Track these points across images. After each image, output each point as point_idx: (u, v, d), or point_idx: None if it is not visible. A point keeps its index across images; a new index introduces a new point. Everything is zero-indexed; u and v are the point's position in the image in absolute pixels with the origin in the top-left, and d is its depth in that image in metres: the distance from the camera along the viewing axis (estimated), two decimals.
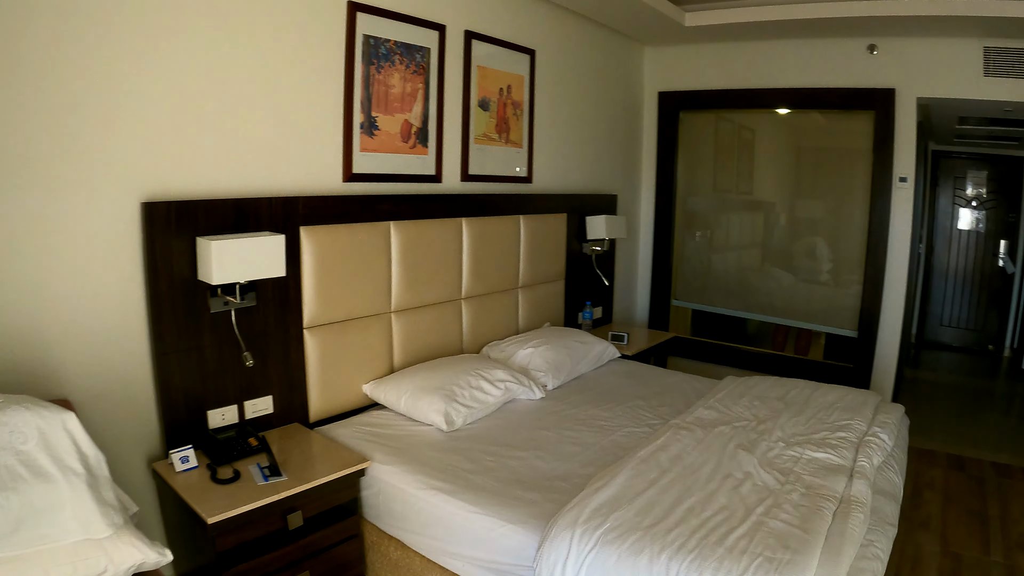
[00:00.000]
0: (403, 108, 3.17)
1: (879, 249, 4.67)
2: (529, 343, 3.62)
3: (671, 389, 3.62)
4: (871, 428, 2.96)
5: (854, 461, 2.60)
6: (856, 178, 4.90)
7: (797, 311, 5.20)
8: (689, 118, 5.36)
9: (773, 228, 5.43)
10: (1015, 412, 5.95)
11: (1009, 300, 7.66)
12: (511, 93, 3.86)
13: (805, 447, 2.71)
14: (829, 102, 4.74)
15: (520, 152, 4.02)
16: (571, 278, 4.50)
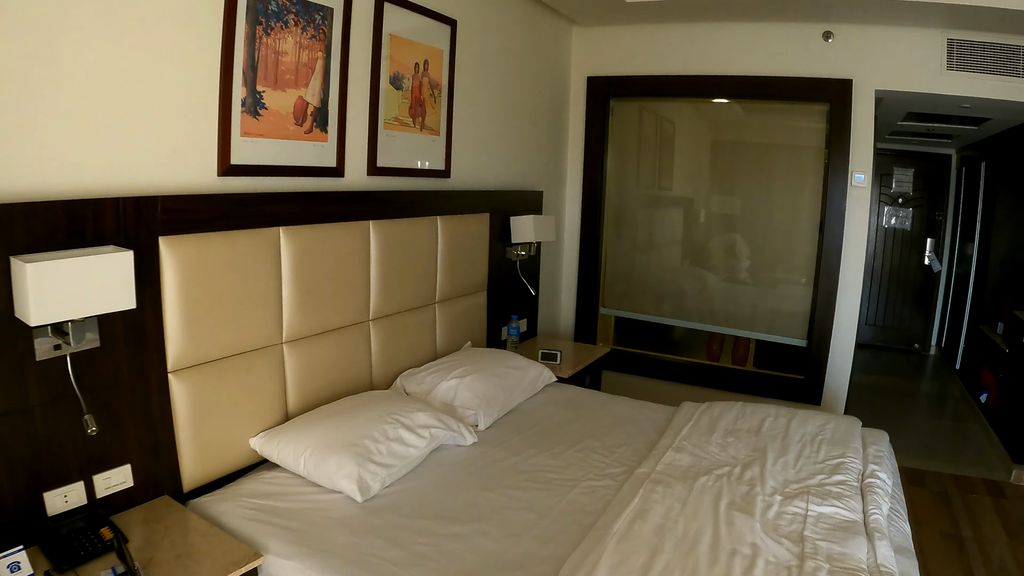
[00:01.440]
0: (298, 82, 2.60)
1: (832, 252, 4.49)
2: (452, 373, 3.14)
3: (623, 421, 3.26)
4: (868, 466, 2.78)
5: (864, 513, 2.38)
6: (804, 175, 4.72)
7: (740, 319, 4.98)
8: (621, 106, 5.01)
9: (713, 229, 5.17)
10: (955, 414, 6.02)
11: (935, 298, 7.85)
12: (428, 70, 3.35)
13: (807, 499, 2.43)
14: (779, 92, 4.50)
15: (437, 140, 3.53)
16: (494, 288, 4.04)
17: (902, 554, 2.24)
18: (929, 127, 6.03)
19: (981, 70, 4.13)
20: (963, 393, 6.41)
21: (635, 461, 2.80)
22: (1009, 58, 4.08)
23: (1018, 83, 4.09)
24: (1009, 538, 3.78)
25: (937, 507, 4.02)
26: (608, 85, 4.86)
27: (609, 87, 4.87)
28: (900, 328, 7.81)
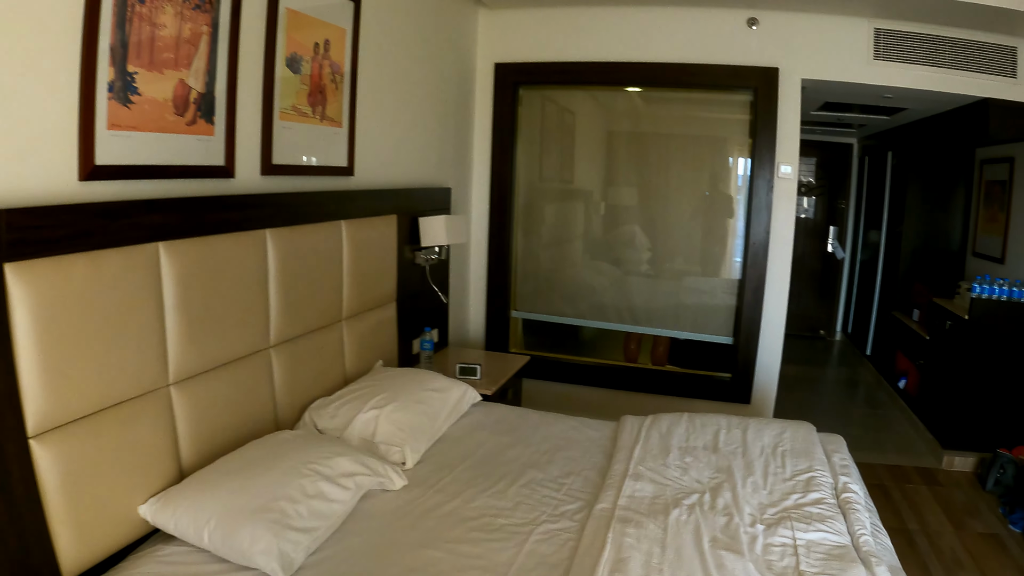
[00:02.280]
0: (179, 62, 2.17)
1: (759, 246, 4.44)
2: (369, 402, 2.78)
3: (564, 444, 3.03)
4: (838, 478, 2.72)
5: (851, 535, 2.29)
6: (721, 167, 4.72)
7: (663, 317, 4.87)
8: (531, 96, 4.75)
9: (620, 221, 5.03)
10: (875, 401, 6.18)
11: (839, 285, 8.12)
12: (329, 51, 2.96)
13: (791, 526, 2.30)
14: (702, 80, 4.40)
15: (339, 133, 3.14)
16: (404, 298, 3.70)
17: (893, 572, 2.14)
18: (839, 116, 6.15)
19: (908, 60, 4.16)
20: (878, 379, 6.61)
21: (590, 493, 2.56)
22: (935, 48, 4.13)
23: (944, 73, 4.16)
24: (955, 528, 3.84)
25: (878, 501, 3.98)
26: (517, 72, 4.60)
27: (519, 74, 4.60)
28: (804, 315, 8.03)
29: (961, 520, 3.93)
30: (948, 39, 4.15)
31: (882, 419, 5.65)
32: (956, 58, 4.18)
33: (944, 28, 4.12)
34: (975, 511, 4.06)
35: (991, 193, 5.58)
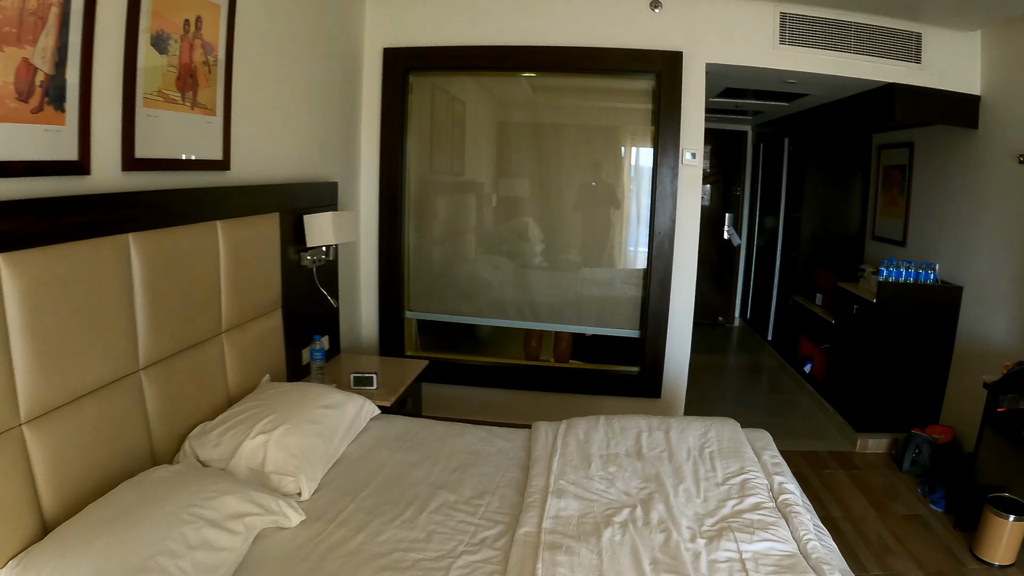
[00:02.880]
0: (22, 38, 1.83)
1: (665, 236, 4.43)
2: (256, 426, 2.51)
3: (475, 459, 2.87)
4: (772, 478, 2.70)
5: (797, 540, 2.26)
6: (621, 155, 4.71)
7: (566, 313, 4.79)
8: (421, 83, 4.52)
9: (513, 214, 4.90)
10: (781, 387, 6.32)
11: (735, 272, 8.32)
12: (202, 30, 2.64)
13: (733, 537, 2.25)
14: (603, 64, 4.31)
15: (213, 122, 2.83)
16: (290, 305, 3.42)
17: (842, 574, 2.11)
18: (737, 103, 6.24)
19: (813, 45, 4.23)
20: (782, 364, 6.79)
21: (511, 515, 2.42)
22: (841, 34, 4.22)
23: (848, 59, 4.26)
24: (878, 512, 3.93)
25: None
26: (408, 57, 4.36)
27: (409, 60, 4.37)
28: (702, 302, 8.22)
29: (883, 503, 4.04)
30: (854, 24, 4.25)
31: (790, 405, 5.79)
32: (862, 43, 4.29)
33: (850, 13, 4.22)
34: (895, 493, 4.19)
35: (889, 177, 5.80)
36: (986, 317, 4.41)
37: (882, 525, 3.78)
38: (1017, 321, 4.10)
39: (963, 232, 4.70)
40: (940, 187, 5.01)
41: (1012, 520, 3.37)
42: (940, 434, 4.51)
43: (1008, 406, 3.36)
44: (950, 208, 4.86)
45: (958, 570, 3.41)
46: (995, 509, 3.41)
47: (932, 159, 5.14)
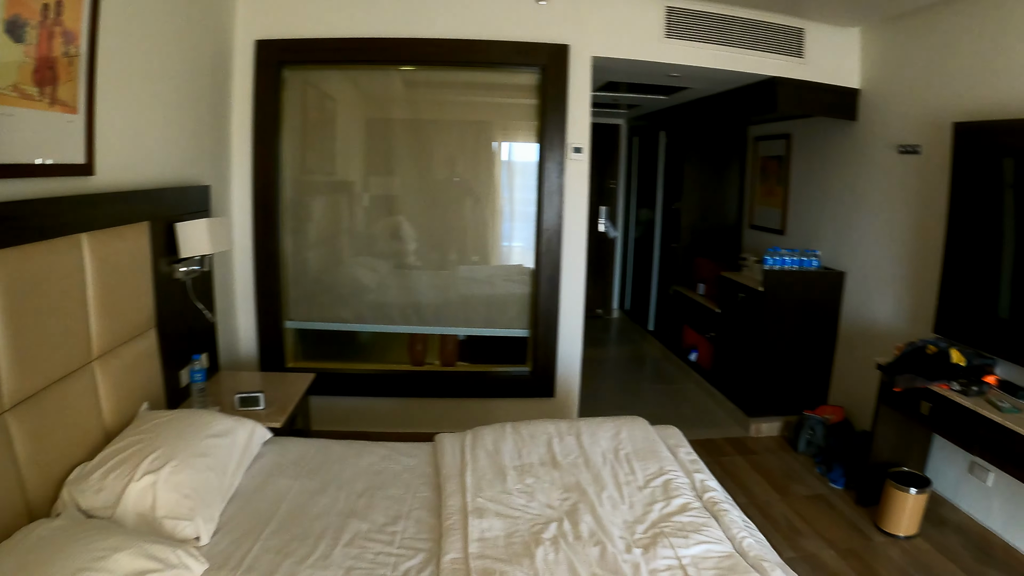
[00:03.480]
0: None
1: (552, 232, 4.39)
2: (141, 465, 2.24)
3: (382, 481, 2.71)
4: (693, 476, 2.75)
5: (731, 539, 2.30)
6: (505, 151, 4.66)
7: (452, 315, 4.67)
8: (294, 77, 4.25)
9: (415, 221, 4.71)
10: (668, 377, 6.42)
11: (612, 264, 8.44)
12: (62, 16, 2.32)
13: (668, 543, 2.24)
14: (487, 57, 4.21)
15: (74, 121, 2.50)
16: (165, 323, 3.11)
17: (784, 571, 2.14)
18: (615, 97, 6.28)
19: (699, 39, 4.31)
20: (666, 354, 6.91)
21: (431, 540, 2.30)
22: (727, 28, 4.33)
23: (733, 52, 4.38)
24: (781, 495, 4.06)
25: None
26: (282, 50, 4.08)
27: (283, 53, 4.08)
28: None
29: (784, 486, 4.18)
30: (739, 19, 4.37)
31: (679, 394, 5.90)
32: (746, 38, 4.41)
33: (735, 8, 4.33)
34: (794, 475, 4.34)
35: (767, 168, 6.02)
36: (869, 300, 4.67)
37: (787, 507, 3.91)
38: (901, 303, 4.36)
39: (843, 219, 4.96)
40: (819, 177, 5.26)
41: (914, 493, 3.57)
42: (831, 414, 4.74)
43: (905, 386, 3.53)
44: (830, 196, 5.12)
45: (866, 544, 3.57)
46: (896, 484, 3.61)
47: (810, 150, 5.39)
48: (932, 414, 3.46)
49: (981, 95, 3.72)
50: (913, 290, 4.25)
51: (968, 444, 3.24)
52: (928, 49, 4.11)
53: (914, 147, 4.22)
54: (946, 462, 3.97)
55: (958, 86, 3.88)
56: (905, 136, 4.30)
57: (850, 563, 3.37)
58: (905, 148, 4.29)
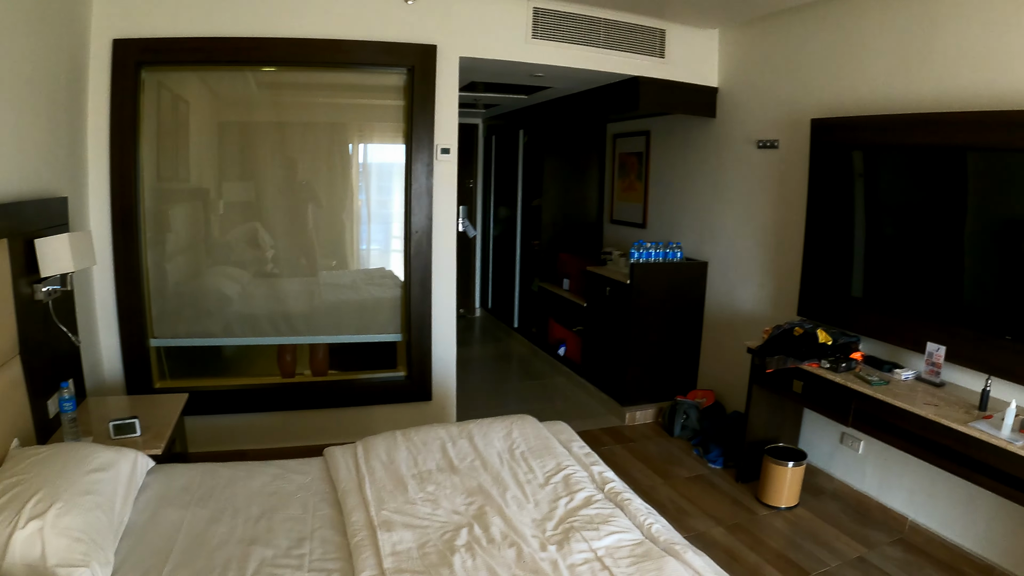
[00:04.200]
0: None
1: (423, 235, 4.40)
2: (23, 511, 2.06)
3: (278, 502, 2.62)
4: (591, 469, 2.86)
5: (640, 527, 2.42)
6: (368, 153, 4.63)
7: (323, 323, 4.56)
8: (151, 79, 3.99)
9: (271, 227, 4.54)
10: (538, 372, 6.53)
11: (473, 263, 8.48)
12: None
13: (581, 537, 2.32)
14: (353, 57, 4.13)
15: None
16: (29, 349, 2.86)
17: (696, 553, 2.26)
18: (476, 97, 6.31)
19: (565, 40, 4.43)
20: (533, 350, 7.03)
21: (341, 560, 2.26)
22: (591, 28, 4.47)
23: (598, 53, 4.54)
24: (663, 479, 4.25)
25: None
26: (141, 51, 3.82)
27: (142, 53, 3.83)
28: None
29: (666, 470, 4.37)
30: (604, 20, 4.52)
31: (551, 388, 6.02)
32: (610, 38, 4.57)
33: (599, 9, 4.47)
34: (674, 458, 4.55)
35: (626, 164, 6.24)
36: (732, 288, 4.98)
37: (672, 490, 4.10)
38: (764, 289, 4.68)
39: (704, 212, 5.24)
40: (679, 172, 5.52)
41: (791, 466, 3.86)
42: (703, 398, 5.02)
43: (776, 367, 3.78)
44: (690, 191, 5.39)
45: (752, 518, 3.81)
46: (774, 459, 3.89)
47: (669, 146, 5.65)
48: (805, 392, 3.74)
49: (834, 94, 4.05)
50: (775, 276, 4.57)
51: (842, 417, 3.52)
52: (784, 51, 4.43)
53: (772, 142, 4.53)
54: (818, 435, 4.29)
55: (813, 85, 4.20)
56: (764, 132, 4.61)
57: (739, 537, 3.59)
58: (764, 143, 4.60)
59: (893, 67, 3.70)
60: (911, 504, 3.72)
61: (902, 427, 3.18)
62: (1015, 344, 3.05)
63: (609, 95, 5.22)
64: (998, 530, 3.30)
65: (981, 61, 3.25)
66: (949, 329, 3.35)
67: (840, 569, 3.36)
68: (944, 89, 3.42)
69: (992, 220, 3.24)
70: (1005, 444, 2.70)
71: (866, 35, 3.85)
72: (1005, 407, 2.83)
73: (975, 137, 3.17)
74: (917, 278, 3.55)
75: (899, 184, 3.68)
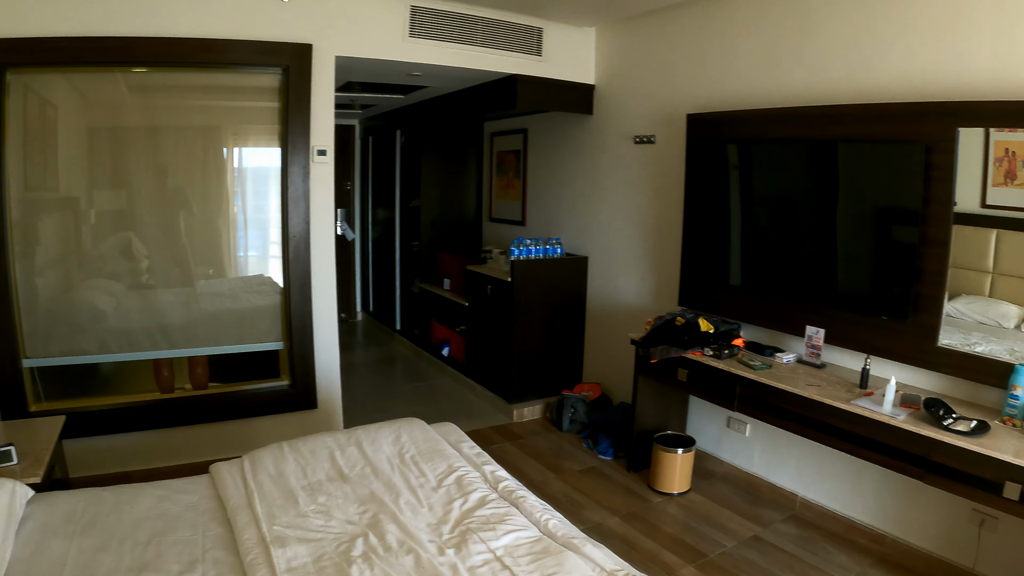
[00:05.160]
0: None
1: (300, 239, 4.29)
2: None
3: (165, 524, 2.49)
4: (482, 469, 2.86)
5: (537, 523, 2.45)
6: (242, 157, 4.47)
7: (202, 334, 4.35)
8: (23, 82, 3.70)
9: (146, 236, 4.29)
10: (418, 374, 6.49)
11: (353, 266, 8.32)
12: None
13: (478, 539, 2.31)
14: (225, 57, 3.98)
15: None
16: None
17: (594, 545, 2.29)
18: (353, 97, 6.20)
19: (442, 38, 4.42)
20: (417, 352, 6.99)
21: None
22: (468, 27, 4.48)
23: (475, 51, 4.56)
24: (556, 473, 4.29)
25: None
26: (6, 51, 3.53)
27: (7, 54, 3.53)
28: None
29: (557, 464, 4.42)
30: (482, 19, 4.55)
31: (437, 389, 6.00)
32: (488, 37, 4.60)
33: (477, 8, 4.49)
34: (564, 452, 4.61)
35: (504, 162, 6.29)
36: (613, 281, 5.10)
37: (565, 484, 4.16)
38: (645, 281, 4.81)
39: (583, 207, 5.34)
40: (557, 169, 5.61)
41: (681, 453, 3.98)
42: (589, 391, 5.11)
43: (660, 357, 3.87)
44: (568, 187, 5.49)
45: (646, 506, 3.91)
46: (663, 446, 4.01)
47: (547, 144, 5.74)
48: (690, 379, 3.86)
49: (709, 89, 4.22)
50: (656, 268, 4.71)
51: (728, 402, 3.66)
52: (660, 48, 4.57)
53: (649, 137, 4.67)
54: (705, 421, 4.45)
55: (688, 81, 4.36)
56: (640, 128, 4.74)
57: (635, 526, 3.68)
58: (640, 139, 4.73)
59: (766, 63, 3.90)
60: (800, 482, 3.92)
61: (787, 408, 3.34)
62: (890, 323, 3.27)
63: (486, 94, 5.25)
64: (886, 500, 3.52)
65: (850, 57, 3.47)
66: (827, 313, 3.57)
67: (737, 549, 3.50)
68: (815, 83, 3.64)
69: (863, 207, 3.46)
70: (887, 419, 2.87)
71: (739, 32, 4.04)
72: (885, 384, 3.02)
73: (846, 129, 3.39)
74: (794, 265, 3.74)
75: (774, 175, 3.88)
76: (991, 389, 2.98)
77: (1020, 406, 2.75)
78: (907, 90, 3.21)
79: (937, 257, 3.07)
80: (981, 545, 3.12)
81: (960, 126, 2.92)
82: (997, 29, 2.89)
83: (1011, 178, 2.81)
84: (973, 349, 3.02)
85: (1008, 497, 2.52)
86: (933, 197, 3.04)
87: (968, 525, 3.16)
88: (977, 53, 2.96)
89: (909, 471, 2.85)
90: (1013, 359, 2.85)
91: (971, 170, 2.94)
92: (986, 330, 3.01)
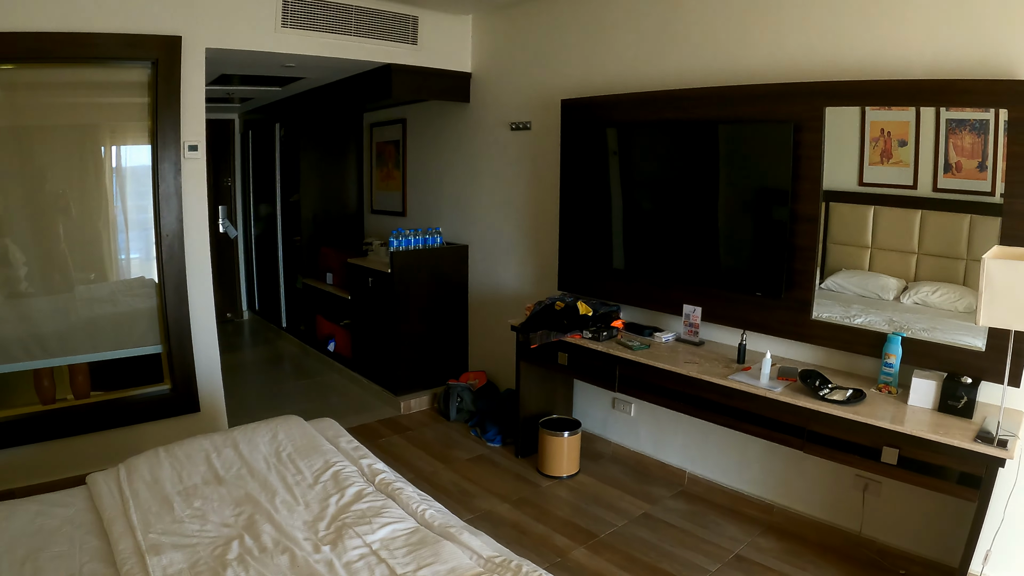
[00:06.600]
0: None
1: (174, 238, 4.06)
2: None
3: (42, 541, 2.30)
4: (360, 462, 2.82)
5: (414, 514, 2.42)
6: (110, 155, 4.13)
7: (78, 341, 4.02)
8: None
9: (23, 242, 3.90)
10: (305, 371, 6.30)
11: (236, 265, 7.93)
12: None
13: (354, 533, 2.25)
14: (92, 52, 3.66)
15: None
16: None
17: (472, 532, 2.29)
18: (229, 91, 5.89)
19: (316, 28, 4.28)
20: (304, 349, 6.78)
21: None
22: (342, 17, 4.34)
23: (349, 41, 4.43)
24: (445, 463, 4.24)
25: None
26: None
27: None
28: None
29: (445, 454, 4.37)
30: (355, 7, 4.40)
31: (325, 386, 5.84)
32: (362, 26, 4.47)
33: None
34: (452, 442, 4.56)
35: (384, 153, 6.18)
36: (494, 268, 5.09)
37: (454, 474, 4.12)
38: (525, 267, 4.82)
39: (462, 196, 5.32)
40: (435, 158, 5.57)
41: (567, 436, 3.99)
42: (475, 379, 5.07)
43: (540, 342, 3.88)
44: (447, 176, 5.45)
45: (535, 491, 3.90)
46: (549, 430, 4.01)
47: (425, 133, 5.67)
48: (571, 363, 3.88)
49: (585, 75, 4.24)
50: (535, 254, 4.73)
51: (609, 383, 3.69)
52: (535, 35, 4.57)
53: (525, 124, 4.68)
54: (590, 403, 4.50)
55: (564, 68, 4.38)
56: (517, 115, 4.74)
57: (525, 511, 3.68)
58: (517, 125, 4.73)
59: (641, 48, 3.97)
60: (687, 458, 4.01)
61: (667, 387, 3.40)
62: (765, 300, 3.37)
63: (363, 84, 5.15)
64: (772, 471, 3.64)
65: (723, 40, 3.57)
66: (707, 292, 3.67)
67: (627, 528, 3.55)
68: (691, 67, 3.73)
69: (741, 188, 3.56)
70: (765, 392, 2.94)
71: (614, 18, 4.09)
72: (761, 358, 3.08)
73: (722, 111, 3.48)
74: (675, 246, 3.83)
75: (654, 158, 3.94)
76: (866, 358, 3.12)
77: (894, 373, 2.89)
78: (781, 71, 3.32)
79: (808, 233, 3.18)
80: (866, 509, 3.26)
81: (828, 105, 3.05)
82: (866, 10, 3.00)
83: (887, 157, 2.96)
84: (853, 321, 3.16)
85: (887, 462, 2.62)
86: (803, 175, 3.16)
87: (852, 490, 3.30)
88: (849, 34, 3.08)
89: (790, 442, 2.93)
90: (891, 329, 2.99)
91: (848, 149, 3.06)
92: (866, 303, 3.15)
